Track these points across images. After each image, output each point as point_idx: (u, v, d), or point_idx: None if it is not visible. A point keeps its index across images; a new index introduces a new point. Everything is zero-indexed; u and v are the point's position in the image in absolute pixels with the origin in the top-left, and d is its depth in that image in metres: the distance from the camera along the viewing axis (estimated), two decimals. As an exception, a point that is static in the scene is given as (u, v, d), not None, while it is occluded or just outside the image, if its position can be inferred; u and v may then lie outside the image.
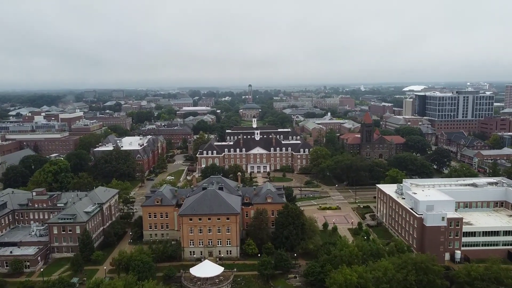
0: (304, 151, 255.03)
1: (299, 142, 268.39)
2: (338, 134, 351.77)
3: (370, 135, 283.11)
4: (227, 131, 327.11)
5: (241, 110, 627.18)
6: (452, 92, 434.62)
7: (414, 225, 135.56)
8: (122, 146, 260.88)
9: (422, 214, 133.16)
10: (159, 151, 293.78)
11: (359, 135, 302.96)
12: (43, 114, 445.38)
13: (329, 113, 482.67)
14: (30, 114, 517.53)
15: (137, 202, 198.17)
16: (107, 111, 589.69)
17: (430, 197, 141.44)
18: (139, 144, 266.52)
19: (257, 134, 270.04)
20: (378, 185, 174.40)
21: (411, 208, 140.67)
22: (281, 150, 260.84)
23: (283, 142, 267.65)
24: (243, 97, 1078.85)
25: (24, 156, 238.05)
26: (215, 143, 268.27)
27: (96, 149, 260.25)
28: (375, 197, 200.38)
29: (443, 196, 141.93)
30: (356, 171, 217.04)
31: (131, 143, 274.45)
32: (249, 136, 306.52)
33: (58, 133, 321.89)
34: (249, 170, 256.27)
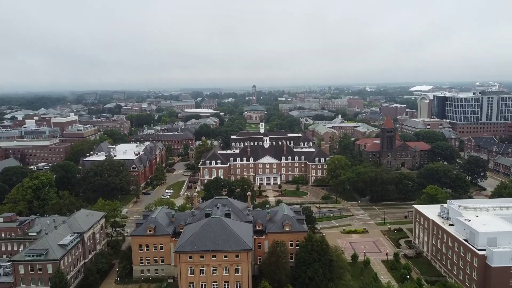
0: (319, 161, 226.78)
1: (313, 150, 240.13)
2: (353, 139, 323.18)
3: (392, 141, 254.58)
4: (232, 136, 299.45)
5: (245, 112, 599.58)
6: (474, 93, 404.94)
7: (473, 264, 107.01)
8: (115, 156, 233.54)
9: (483, 250, 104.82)
10: (157, 160, 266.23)
11: (377, 141, 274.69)
12: (36, 118, 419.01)
13: (339, 116, 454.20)
14: (22, 118, 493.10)
15: (129, 224, 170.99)
16: (104, 114, 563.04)
17: (490, 226, 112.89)
18: (134, 153, 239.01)
19: (266, 141, 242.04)
20: (415, 206, 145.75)
21: (465, 240, 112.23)
22: (293, 159, 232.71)
23: (295, 150, 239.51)
24: (247, 98, 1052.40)
25: (4, 168, 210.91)
26: (219, 152, 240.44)
27: (87, 158, 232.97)
28: (406, 217, 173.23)
29: (507, 225, 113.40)
30: (381, 185, 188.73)
31: (126, 151, 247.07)
32: (256, 143, 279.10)
33: (47, 140, 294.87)
34: (257, 182, 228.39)
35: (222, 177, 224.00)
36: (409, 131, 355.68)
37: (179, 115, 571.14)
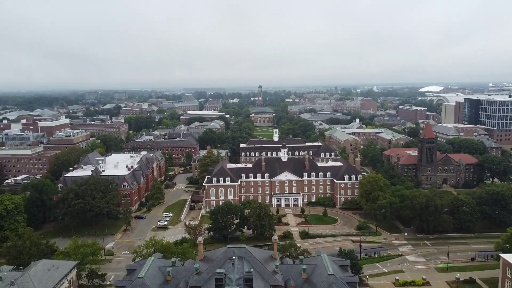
0: (349, 178, 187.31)
1: (340, 164, 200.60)
2: (377, 147, 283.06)
3: (432, 154, 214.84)
4: (241, 145, 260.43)
5: (252, 115, 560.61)
6: (510, 95, 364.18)
7: None
8: (103, 170, 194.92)
9: None
10: (155, 174, 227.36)
11: (411, 152, 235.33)
12: (23, 120, 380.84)
13: (356, 120, 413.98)
14: (15, 118, 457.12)
15: (115, 266, 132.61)
16: (101, 116, 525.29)
17: None
18: (127, 167, 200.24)
19: (284, 154, 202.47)
20: (503, 256, 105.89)
21: None
22: (317, 175, 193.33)
23: (319, 164, 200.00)
24: (252, 98, 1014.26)
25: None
26: (228, 166, 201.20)
27: (69, 174, 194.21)
28: (473, 259, 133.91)
29: None
30: (434, 213, 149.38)
31: (117, 164, 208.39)
32: (270, 153, 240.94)
33: (29, 149, 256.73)
34: (274, 203, 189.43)
35: (231, 197, 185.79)
36: (441, 138, 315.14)
37: (181, 117, 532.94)
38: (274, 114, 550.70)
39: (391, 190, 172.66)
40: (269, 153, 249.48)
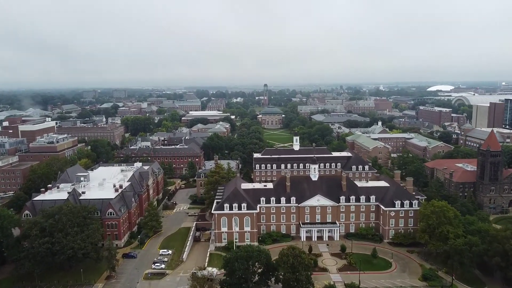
0: (401, 205, 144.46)
1: (385, 184, 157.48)
2: (415, 158, 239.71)
3: (498, 169, 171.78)
4: (255, 156, 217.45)
5: (260, 116, 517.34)
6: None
7: None
8: (83, 192, 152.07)
9: None
10: (150, 193, 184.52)
11: (463, 165, 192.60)
12: (5, 123, 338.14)
13: (379, 122, 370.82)
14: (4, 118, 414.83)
15: None
16: (94, 118, 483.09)
17: None
18: (115, 187, 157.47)
19: (314, 171, 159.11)
20: None
21: None
22: (357, 199, 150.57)
23: (359, 185, 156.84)
24: (257, 98, 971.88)
25: None
26: (243, 186, 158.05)
27: (39, 197, 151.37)
28: None
29: None
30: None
31: (103, 181, 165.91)
32: (290, 165, 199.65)
33: (0, 159, 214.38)
34: (303, 236, 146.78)
35: (248, 228, 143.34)
36: (478, 144, 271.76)
37: (183, 118, 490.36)
38: (283, 115, 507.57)
39: (462, 223, 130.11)
40: (288, 165, 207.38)
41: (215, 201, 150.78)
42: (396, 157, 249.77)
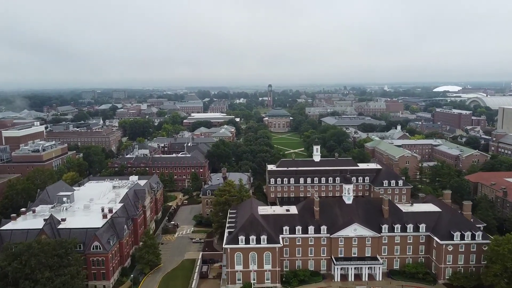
0: (461, 236, 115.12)
1: (435, 209, 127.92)
2: (445, 167, 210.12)
3: None
4: (269, 168, 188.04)
5: (266, 118, 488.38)
6: None
7: None
8: (62, 220, 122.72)
9: None
10: (147, 214, 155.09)
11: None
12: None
13: (398, 127, 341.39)
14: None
15: None
16: (89, 121, 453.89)
17: None
18: (103, 212, 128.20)
19: (348, 191, 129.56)
20: None
21: None
22: (403, 229, 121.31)
23: (404, 210, 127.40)
24: (260, 98, 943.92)
25: None
26: (260, 210, 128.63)
27: (7, 226, 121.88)
28: None
29: None
30: None
31: (90, 203, 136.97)
32: (310, 180, 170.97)
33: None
34: (336, 275, 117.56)
35: (269, 266, 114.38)
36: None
37: (184, 121, 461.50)
38: (291, 118, 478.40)
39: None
40: (308, 179, 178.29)
41: (227, 230, 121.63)
42: (426, 167, 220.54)
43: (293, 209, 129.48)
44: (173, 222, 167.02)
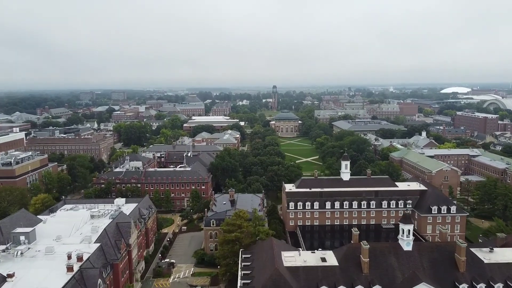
0: None
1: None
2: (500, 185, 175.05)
3: None
4: (287, 189, 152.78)
5: (273, 122, 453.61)
6: None
7: None
8: (8, 276, 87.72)
9: None
10: (134, 253, 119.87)
11: None
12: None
13: (423, 133, 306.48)
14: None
15: None
16: (81, 126, 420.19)
17: None
18: (69, 261, 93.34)
19: (407, 234, 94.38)
20: None
21: None
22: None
23: (484, 260, 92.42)
24: (264, 100, 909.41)
25: None
26: (285, 256, 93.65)
27: None
28: None
29: None
30: None
31: (54, 244, 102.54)
32: (338, 205, 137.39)
33: None
34: None
35: None
36: None
37: (184, 125, 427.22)
38: (300, 122, 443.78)
39: None
40: (336, 204, 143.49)
41: (241, 281, 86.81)
42: (465, 182, 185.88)
43: (331, 257, 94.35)
44: (167, 260, 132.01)
